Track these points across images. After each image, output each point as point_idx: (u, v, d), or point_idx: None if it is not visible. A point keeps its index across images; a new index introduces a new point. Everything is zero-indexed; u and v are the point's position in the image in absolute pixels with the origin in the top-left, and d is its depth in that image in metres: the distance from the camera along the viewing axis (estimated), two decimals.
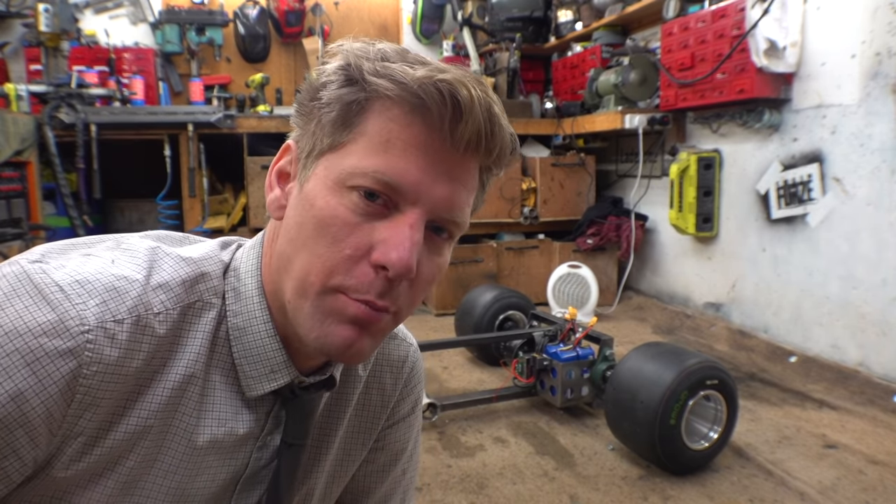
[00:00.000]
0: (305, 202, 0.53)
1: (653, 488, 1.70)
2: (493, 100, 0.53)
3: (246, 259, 0.59)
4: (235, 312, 0.57)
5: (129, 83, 3.71)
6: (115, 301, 0.49)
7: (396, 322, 0.56)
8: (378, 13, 5.13)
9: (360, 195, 0.51)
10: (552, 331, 2.20)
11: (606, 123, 3.39)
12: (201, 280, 0.55)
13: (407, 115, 0.51)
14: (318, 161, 0.53)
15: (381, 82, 0.50)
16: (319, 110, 0.53)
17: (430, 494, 1.67)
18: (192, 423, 0.54)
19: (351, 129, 0.52)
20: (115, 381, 0.48)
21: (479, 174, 0.57)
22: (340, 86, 0.52)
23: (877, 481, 1.72)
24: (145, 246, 0.55)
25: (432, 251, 0.55)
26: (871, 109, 2.32)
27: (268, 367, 0.57)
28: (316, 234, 0.52)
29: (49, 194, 3.18)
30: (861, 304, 2.39)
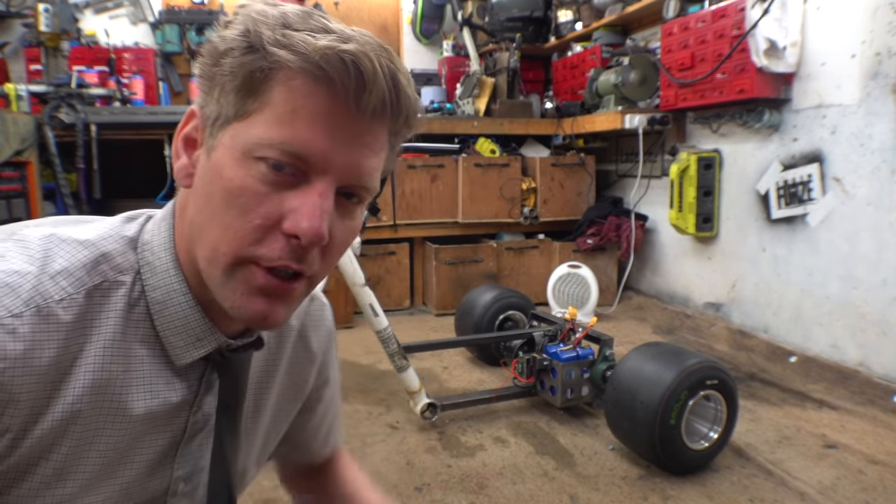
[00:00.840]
0: (213, 172, 0.53)
1: (653, 488, 1.70)
2: (397, 68, 0.53)
3: (157, 232, 0.58)
4: (153, 286, 0.56)
5: (129, 83, 3.71)
6: (9, 296, 0.48)
7: (311, 287, 0.57)
8: (378, 13, 5.14)
9: (268, 166, 0.51)
10: (552, 331, 2.20)
11: (606, 123, 3.39)
12: (103, 261, 0.54)
13: (311, 84, 0.50)
14: (223, 129, 0.53)
15: (282, 53, 0.50)
16: (223, 77, 0.52)
17: (430, 494, 1.67)
18: (125, 399, 0.54)
19: (255, 97, 0.51)
20: (29, 374, 0.48)
21: (389, 139, 0.57)
22: (242, 53, 0.51)
23: (877, 481, 1.72)
24: (39, 234, 0.53)
25: (343, 216, 0.56)
26: (871, 109, 2.32)
27: (193, 336, 0.58)
28: (225, 206, 0.52)
29: (49, 194, 3.18)
30: (861, 304, 2.39)
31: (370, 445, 1.95)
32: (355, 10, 5.07)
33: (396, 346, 1.99)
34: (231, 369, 0.62)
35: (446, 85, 4.48)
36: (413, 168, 3.57)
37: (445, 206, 3.65)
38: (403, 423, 2.12)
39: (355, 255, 1.98)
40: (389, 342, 1.98)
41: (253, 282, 0.53)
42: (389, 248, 3.57)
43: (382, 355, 2.49)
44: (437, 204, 3.64)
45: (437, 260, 3.53)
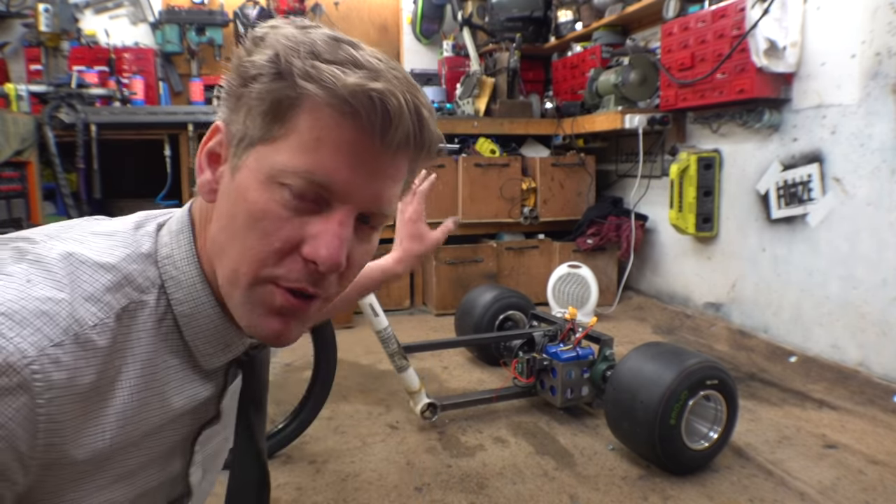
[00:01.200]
0: (237, 193, 0.54)
1: (653, 488, 1.70)
2: (422, 103, 0.54)
3: (177, 245, 0.59)
4: (180, 301, 0.58)
5: (129, 83, 3.71)
6: (49, 325, 0.48)
7: (324, 306, 0.59)
8: (378, 13, 5.13)
9: (291, 192, 0.52)
10: (552, 331, 2.20)
11: (606, 123, 3.39)
12: (125, 283, 0.55)
13: (337, 116, 0.52)
14: (248, 151, 0.54)
15: (311, 87, 0.51)
16: (250, 100, 0.53)
17: (430, 494, 1.67)
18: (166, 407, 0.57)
19: (282, 123, 0.52)
20: (72, 402, 0.49)
21: (409, 167, 0.59)
22: (271, 80, 0.52)
23: (877, 481, 1.72)
24: (56, 254, 0.53)
25: (361, 240, 0.58)
26: (871, 109, 2.32)
27: (222, 344, 0.60)
28: (247, 227, 0.53)
29: (49, 194, 3.18)
30: (861, 304, 2.39)
31: (370, 445, 1.95)
32: (355, 10, 5.07)
33: (396, 346, 1.99)
34: (255, 366, 0.66)
35: (446, 85, 4.48)
36: None
37: (445, 206, 3.65)
38: (403, 423, 2.12)
39: None
40: (389, 342, 1.98)
41: (272, 302, 0.55)
42: (389, 248, 3.57)
43: (382, 355, 2.49)
44: (437, 204, 3.64)
45: (437, 260, 3.53)
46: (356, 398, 2.34)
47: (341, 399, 2.32)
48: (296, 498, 1.65)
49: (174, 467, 0.63)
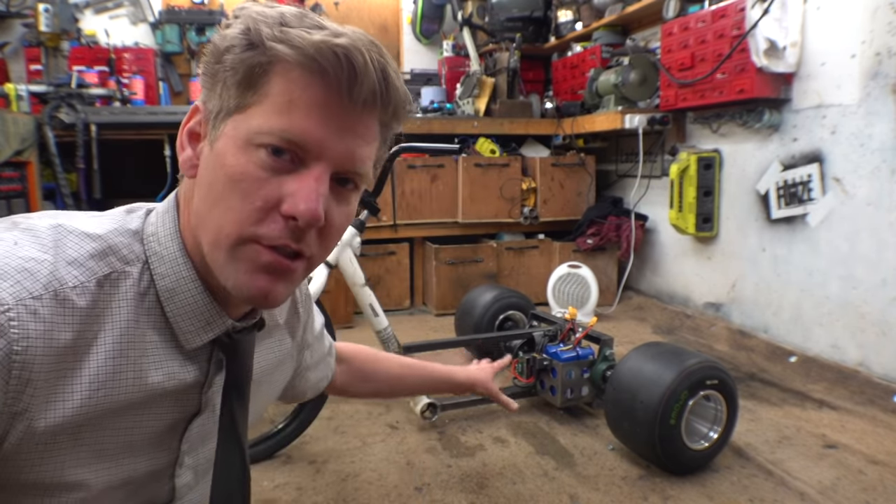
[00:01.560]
0: (216, 161, 0.56)
1: (653, 488, 1.70)
2: (387, 62, 0.57)
3: (162, 223, 0.61)
4: (162, 275, 0.59)
5: (129, 83, 3.71)
6: (29, 280, 0.50)
7: (310, 268, 0.61)
8: (378, 13, 5.14)
9: (268, 152, 0.54)
10: (552, 331, 2.20)
11: (606, 123, 3.39)
12: (110, 252, 0.57)
13: (306, 76, 0.54)
14: (226, 121, 0.57)
15: (279, 47, 0.54)
16: (224, 73, 0.56)
17: (430, 494, 1.67)
18: (143, 381, 0.57)
19: (255, 90, 0.55)
20: (47, 355, 0.50)
21: (380, 129, 0.61)
22: (243, 50, 0.55)
23: (877, 481, 1.72)
24: (46, 224, 0.56)
25: (339, 201, 0.60)
26: (871, 109, 2.32)
27: (203, 321, 0.61)
28: (228, 190, 0.55)
29: (49, 194, 3.18)
30: (861, 304, 2.39)
31: (370, 445, 1.95)
32: (355, 10, 5.07)
33: (396, 346, 1.99)
34: (238, 350, 0.66)
35: (446, 85, 4.48)
36: (413, 168, 3.57)
37: (445, 206, 3.65)
38: (403, 423, 2.12)
39: (355, 255, 1.98)
40: (389, 342, 1.98)
41: (257, 259, 0.56)
42: (389, 248, 3.57)
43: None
44: (437, 204, 3.64)
45: (437, 260, 3.53)
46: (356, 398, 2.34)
47: (341, 399, 2.32)
48: (296, 498, 1.65)
49: (159, 460, 0.63)
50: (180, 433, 0.64)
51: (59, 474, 0.54)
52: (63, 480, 0.54)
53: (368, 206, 1.98)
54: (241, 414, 0.68)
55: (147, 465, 0.62)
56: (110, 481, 0.58)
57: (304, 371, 0.93)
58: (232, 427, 0.67)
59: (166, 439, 0.63)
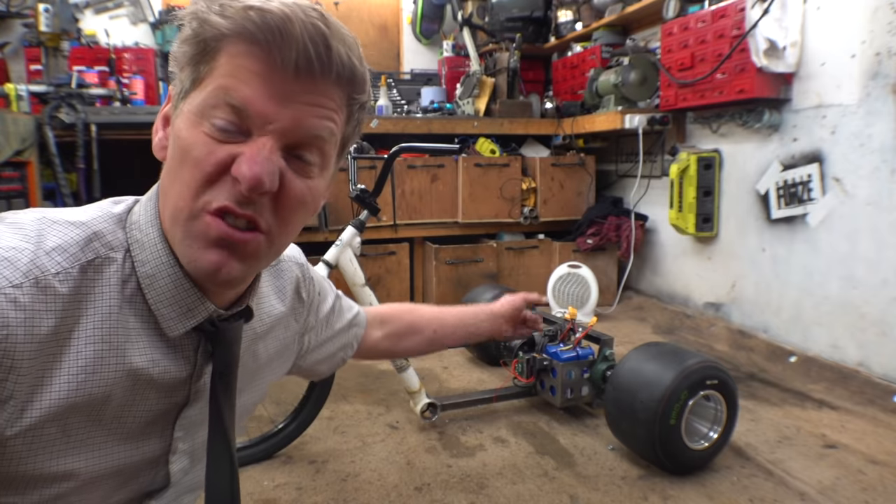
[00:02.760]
0: (175, 138, 0.58)
1: (653, 488, 1.70)
2: (328, 27, 0.56)
3: (144, 211, 0.62)
4: (143, 262, 0.59)
5: (129, 83, 3.71)
6: (9, 269, 0.51)
7: (270, 244, 0.59)
8: (378, 13, 5.13)
9: (216, 127, 0.55)
10: (552, 331, 2.20)
11: (606, 123, 3.39)
12: (94, 238, 0.57)
13: (246, 46, 0.55)
14: (184, 100, 0.58)
15: (216, 19, 0.55)
16: (183, 56, 0.58)
17: (430, 494, 1.67)
18: (127, 366, 0.57)
19: (206, 63, 0.57)
20: (30, 342, 0.50)
21: (340, 101, 0.60)
22: (193, 28, 0.57)
23: (877, 481, 1.72)
24: (31, 217, 0.57)
25: (300, 174, 0.59)
26: (871, 109, 2.32)
27: (184, 308, 0.60)
28: (182, 162, 0.56)
29: (49, 194, 3.18)
30: (861, 304, 2.39)
31: (370, 445, 1.95)
32: (355, 10, 5.07)
33: None
34: (224, 339, 0.65)
35: (446, 85, 4.48)
36: (413, 168, 3.57)
37: (445, 206, 3.65)
38: (403, 423, 2.12)
39: (355, 255, 1.98)
40: None
41: (207, 233, 0.56)
42: (389, 248, 3.57)
43: None
44: (437, 204, 3.64)
45: (437, 260, 3.53)
46: (356, 398, 2.34)
47: (341, 399, 2.32)
48: (296, 498, 1.65)
49: (151, 448, 0.63)
50: (172, 421, 0.64)
51: (47, 464, 0.54)
52: (52, 470, 0.54)
53: (368, 206, 1.98)
54: (227, 404, 0.67)
55: (139, 452, 0.62)
56: (101, 470, 0.58)
57: (306, 352, 0.93)
58: (218, 417, 0.66)
59: (158, 427, 0.63)
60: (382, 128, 3.54)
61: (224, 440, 0.67)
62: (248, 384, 0.77)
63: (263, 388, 0.83)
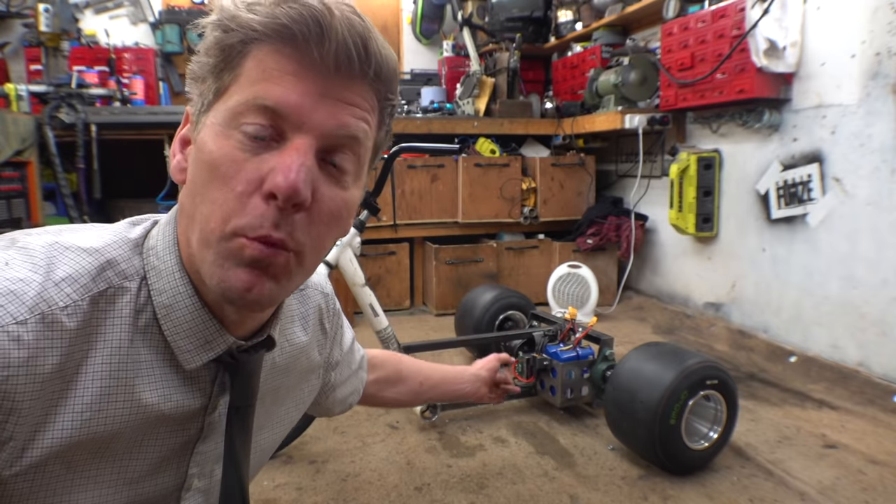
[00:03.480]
0: (199, 153, 0.54)
1: (653, 488, 1.70)
2: (363, 21, 0.53)
3: (162, 236, 0.58)
4: (160, 291, 0.56)
5: (129, 83, 3.71)
6: (14, 304, 0.48)
7: (300, 263, 0.55)
8: (378, 13, 5.14)
9: (246, 135, 0.52)
10: (552, 331, 2.20)
11: (606, 123, 3.39)
12: (108, 267, 0.54)
13: (277, 45, 0.52)
14: (207, 113, 0.54)
15: (246, 18, 0.51)
16: (204, 67, 0.55)
17: (430, 494, 1.67)
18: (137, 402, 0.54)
19: (231, 70, 0.53)
20: (32, 382, 0.48)
21: (373, 99, 0.57)
22: (216, 35, 0.54)
23: (877, 481, 1.72)
24: (42, 242, 0.53)
25: (332, 182, 0.55)
26: (871, 109, 2.32)
27: (202, 339, 0.57)
28: (209, 179, 0.52)
29: (49, 194, 3.18)
30: (861, 304, 2.39)
31: (370, 445, 1.95)
32: None
33: (396, 346, 1.99)
34: (243, 371, 0.62)
35: (446, 85, 4.48)
36: (413, 168, 3.57)
37: (445, 206, 3.65)
38: (403, 423, 2.12)
39: (355, 255, 1.98)
40: (389, 342, 1.98)
41: (241, 254, 0.52)
42: (389, 248, 3.57)
43: None
44: (437, 204, 3.64)
45: (437, 260, 3.53)
46: None
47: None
48: (296, 498, 1.65)
49: (163, 485, 0.60)
50: (187, 456, 0.61)
51: (51, 501, 0.51)
52: None
53: (368, 206, 1.98)
54: (241, 440, 0.64)
55: (150, 490, 0.59)
56: None
57: (329, 390, 0.89)
58: (231, 454, 0.63)
59: (172, 463, 0.60)
60: None
61: (236, 478, 0.64)
62: (268, 420, 0.73)
63: (284, 425, 0.78)
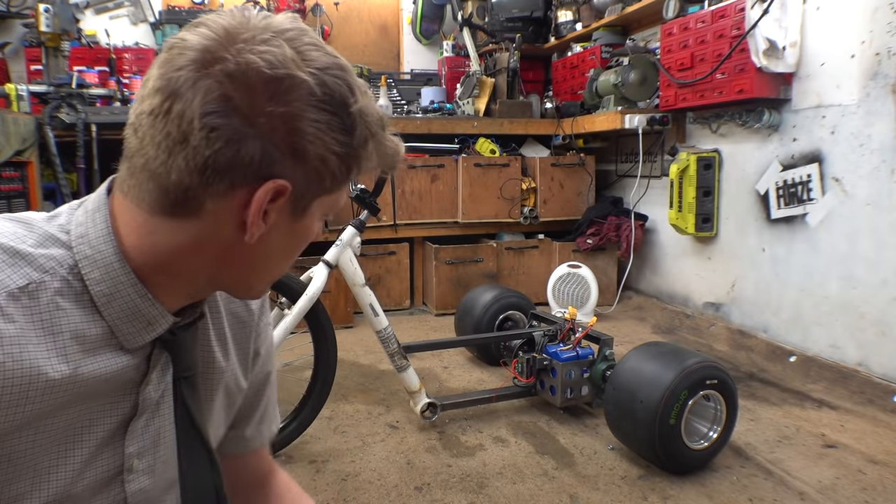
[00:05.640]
0: (300, 232, 0.63)
1: (652, 488, 1.70)
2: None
3: (92, 224, 0.58)
4: (97, 280, 0.57)
5: (129, 83, 3.71)
6: None
7: None
8: (378, 13, 5.14)
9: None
10: (552, 331, 2.20)
11: (606, 123, 3.39)
12: (23, 263, 0.54)
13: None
14: (315, 200, 0.60)
15: (379, 158, 0.64)
16: (329, 160, 0.58)
17: (430, 494, 1.67)
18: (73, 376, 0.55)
19: (349, 179, 0.61)
20: None
21: None
22: (360, 144, 0.60)
23: (876, 481, 1.73)
24: None
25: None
26: (870, 109, 2.33)
27: (145, 322, 0.59)
28: (298, 247, 0.65)
29: (49, 194, 3.18)
30: (861, 304, 2.40)
31: (370, 445, 1.95)
32: (355, 10, 5.07)
33: (396, 346, 1.99)
34: (182, 344, 0.64)
35: (446, 85, 4.48)
36: (413, 168, 3.57)
37: (445, 206, 3.65)
38: (403, 422, 2.12)
39: (355, 255, 1.98)
40: (389, 342, 1.99)
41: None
42: (389, 248, 3.57)
43: (382, 355, 2.49)
44: (437, 204, 3.64)
45: (437, 260, 3.53)
46: (356, 398, 2.34)
47: (341, 399, 2.32)
48: None
49: (104, 468, 0.60)
50: (121, 438, 0.61)
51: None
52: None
53: (368, 206, 1.98)
54: (197, 406, 0.65)
55: (92, 477, 0.59)
56: (52, 495, 0.56)
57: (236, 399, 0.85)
58: (189, 421, 0.64)
59: (109, 446, 0.60)
60: None
61: (200, 444, 0.65)
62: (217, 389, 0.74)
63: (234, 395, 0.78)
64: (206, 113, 0.51)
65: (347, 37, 5.05)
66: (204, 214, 0.56)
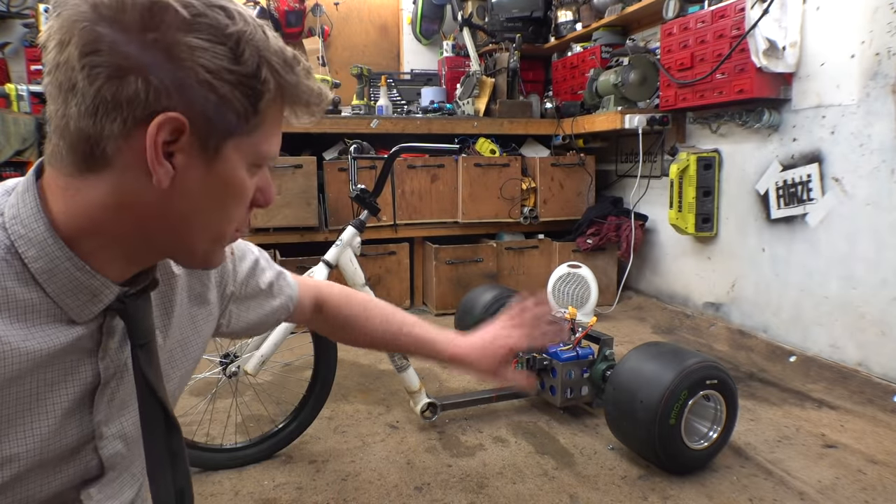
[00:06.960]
0: (222, 182, 0.60)
1: (652, 488, 1.70)
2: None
3: (23, 204, 0.58)
4: (35, 258, 0.57)
5: None
6: None
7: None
8: (378, 13, 5.14)
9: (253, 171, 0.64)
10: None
11: (606, 123, 3.39)
12: None
13: (285, 109, 0.63)
14: (225, 142, 0.58)
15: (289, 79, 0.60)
16: (224, 89, 0.56)
17: (430, 494, 1.67)
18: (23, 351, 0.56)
19: (256, 114, 0.59)
20: None
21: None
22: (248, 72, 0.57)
23: (876, 481, 1.73)
24: None
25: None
26: (870, 109, 2.33)
27: (89, 295, 0.60)
28: (233, 205, 0.63)
29: None
30: (861, 304, 2.40)
31: (370, 445, 1.95)
32: (355, 10, 5.07)
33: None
34: (136, 313, 0.65)
35: (446, 85, 4.48)
36: (413, 168, 3.57)
37: (445, 206, 3.65)
38: (403, 422, 2.12)
39: (355, 255, 1.98)
40: None
41: (226, 241, 0.67)
42: (389, 248, 3.57)
43: (382, 355, 2.50)
44: (437, 204, 3.64)
45: (437, 260, 3.54)
46: (356, 398, 2.35)
47: (341, 399, 2.32)
48: (296, 498, 1.65)
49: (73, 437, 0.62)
50: (88, 407, 0.64)
51: None
52: None
53: (368, 206, 1.98)
54: (154, 373, 0.66)
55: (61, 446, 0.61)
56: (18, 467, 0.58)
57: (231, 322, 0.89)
58: (147, 388, 0.66)
59: (75, 416, 0.62)
60: (382, 128, 3.55)
61: (159, 409, 0.66)
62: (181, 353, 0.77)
63: (188, 365, 0.80)
64: (84, 53, 0.52)
65: (347, 37, 5.05)
66: (113, 164, 0.55)
